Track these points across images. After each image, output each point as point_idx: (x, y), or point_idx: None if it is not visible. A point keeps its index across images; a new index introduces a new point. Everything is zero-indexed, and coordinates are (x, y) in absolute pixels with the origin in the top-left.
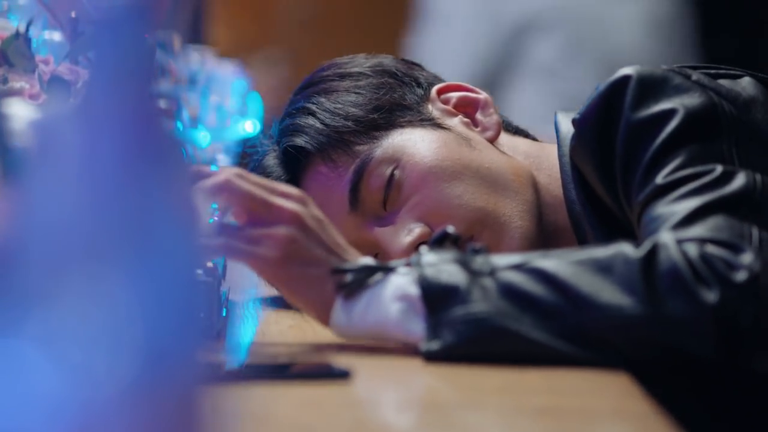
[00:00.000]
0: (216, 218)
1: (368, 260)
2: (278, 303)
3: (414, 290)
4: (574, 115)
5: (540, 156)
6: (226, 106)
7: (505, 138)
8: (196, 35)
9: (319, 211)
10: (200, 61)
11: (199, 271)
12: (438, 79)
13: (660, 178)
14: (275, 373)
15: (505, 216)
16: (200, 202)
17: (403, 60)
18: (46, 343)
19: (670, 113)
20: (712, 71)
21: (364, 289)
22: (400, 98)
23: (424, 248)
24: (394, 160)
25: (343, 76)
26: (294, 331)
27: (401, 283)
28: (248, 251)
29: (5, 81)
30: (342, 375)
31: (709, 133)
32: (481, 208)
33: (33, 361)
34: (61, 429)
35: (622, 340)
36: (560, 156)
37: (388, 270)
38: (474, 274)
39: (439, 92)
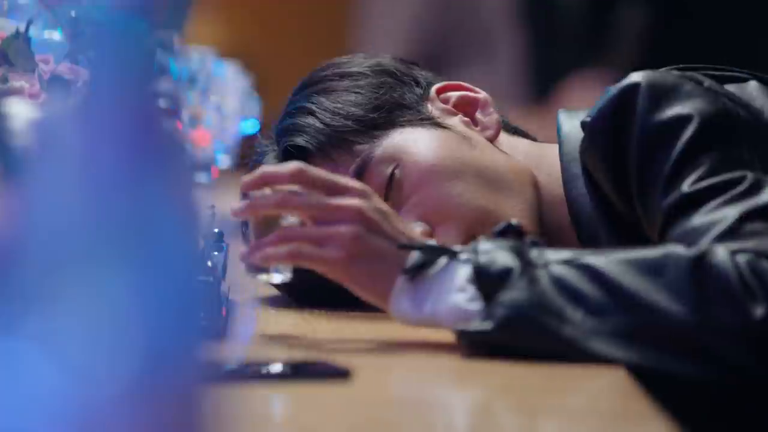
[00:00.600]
0: (283, 222)
1: (434, 242)
2: (278, 302)
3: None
4: (581, 116)
5: (540, 155)
6: (225, 106)
7: (504, 137)
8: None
9: (382, 201)
10: (200, 60)
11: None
12: (437, 78)
13: (687, 186)
14: (275, 372)
15: (505, 215)
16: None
17: (402, 59)
18: (46, 343)
19: (685, 119)
20: (717, 73)
21: (428, 274)
22: (400, 98)
23: (482, 237)
24: (395, 159)
25: (342, 76)
26: (294, 330)
27: (464, 271)
28: (314, 254)
29: (5, 80)
30: (342, 374)
31: (728, 139)
32: (481, 206)
33: (33, 360)
34: (61, 429)
35: (665, 344)
36: (562, 154)
37: (452, 254)
38: (527, 263)
39: (439, 91)
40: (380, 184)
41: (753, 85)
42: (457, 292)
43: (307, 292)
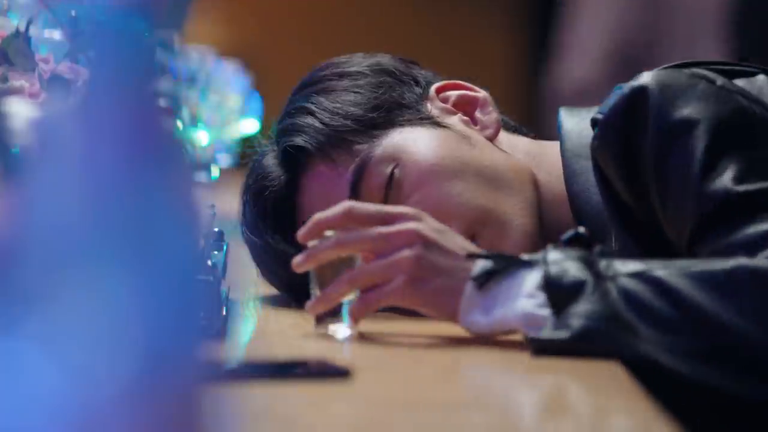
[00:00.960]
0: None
1: (502, 252)
2: (278, 302)
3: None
4: (583, 114)
5: (540, 153)
6: (226, 106)
7: (504, 136)
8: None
9: (435, 220)
10: (200, 60)
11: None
12: (436, 78)
13: (721, 191)
14: (275, 372)
15: (506, 214)
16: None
17: (401, 59)
18: (45, 343)
19: (699, 120)
20: (727, 68)
21: (496, 281)
22: (399, 97)
23: (551, 246)
24: (394, 159)
25: (341, 76)
26: (294, 330)
27: (533, 278)
28: (381, 296)
29: (5, 79)
30: (342, 374)
31: (747, 139)
32: (481, 206)
33: (33, 360)
34: (61, 429)
35: (743, 366)
36: (564, 150)
37: (520, 262)
38: (597, 275)
39: (438, 90)
40: (380, 184)
41: (762, 78)
42: (526, 297)
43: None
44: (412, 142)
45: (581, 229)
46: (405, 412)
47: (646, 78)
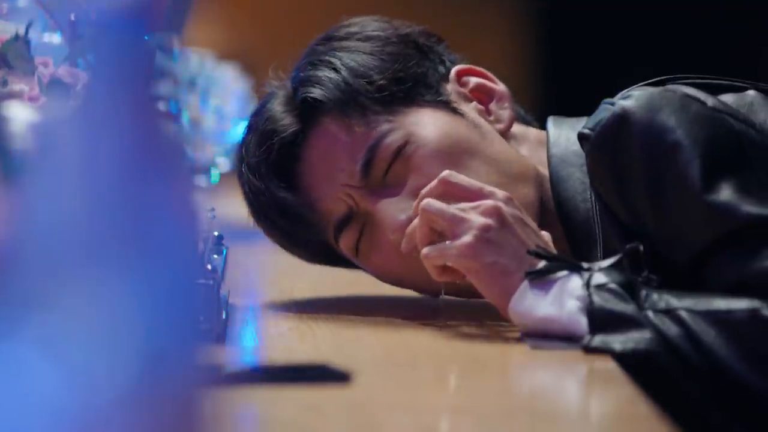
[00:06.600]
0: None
1: (562, 255)
2: (278, 306)
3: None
4: (573, 122)
5: (544, 150)
6: (225, 109)
7: (516, 128)
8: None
9: (521, 210)
10: (200, 63)
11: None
12: (459, 59)
13: (728, 212)
14: (275, 375)
15: None
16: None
17: (431, 33)
18: (46, 346)
19: (689, 145)
20: (715, 82)
21: (552, 279)
22: (423, 75)
23: (596, 267)
24: (405, 137)
25: (368, 38)
26: (293, 333)
27: (579, 283)
28: (452, 247)
29: (5, 83)
30: (341, 377)
31: (740, 162)
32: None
33: (33, 363)
34: None
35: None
36: (550, 156)
37: (578, 268)
38: (639, 307)
39: (459, 74)
40: (387, 156)
41: (752, 94)
42: (576, 300)
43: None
44: (425, 125)
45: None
46: (404, 416)
47: (633, 101)
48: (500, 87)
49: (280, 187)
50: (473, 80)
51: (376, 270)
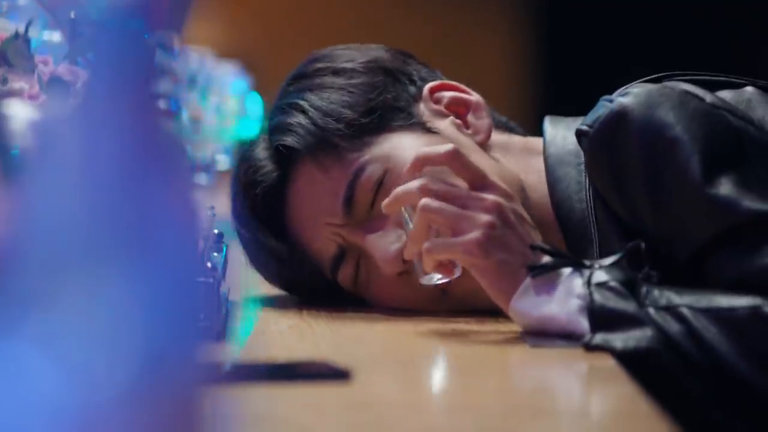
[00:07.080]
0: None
1: (564, 251)
2: (277, 303)
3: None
4: (569, 122)
5: (531, 154)
6: (225, 107)
7: (496, 138)
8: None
9: (521, 207)
10: (200, 61)
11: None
12: (431, 74)
13: (729, 206)
14: (274, 373)
15: None
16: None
17: (397, 52)
18: (45, 345)
19: (689, 140)
20: (713, 78)
21: (552, 278)
22: (393, 99)
23: (597, 265)
24: (384, 167)
25: (336, 72)
26: (293, 331)
27: (579, 282)
28: (456, 243)
29: (5, 81)
30: (341, 375)
31: (739, 159)
32: None
33: (32, 362)
34: (61, 431)
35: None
36: (547, 157)
37: (581, 266)
38: (639, 304)
39: (432, 91)
40: (369, 189)
41: (750, 90)
42: (577, 299)
43: (310, 291)
44: (402, 151)
45: (642, 244)
46: (404, 414)
47: (632, 97)
48: (475, 97)
49: (270, 235)
50: (447, 95)
51: (378, 300)
